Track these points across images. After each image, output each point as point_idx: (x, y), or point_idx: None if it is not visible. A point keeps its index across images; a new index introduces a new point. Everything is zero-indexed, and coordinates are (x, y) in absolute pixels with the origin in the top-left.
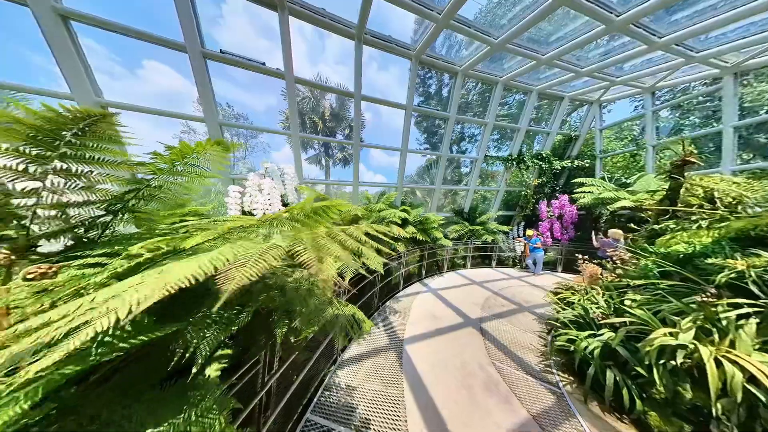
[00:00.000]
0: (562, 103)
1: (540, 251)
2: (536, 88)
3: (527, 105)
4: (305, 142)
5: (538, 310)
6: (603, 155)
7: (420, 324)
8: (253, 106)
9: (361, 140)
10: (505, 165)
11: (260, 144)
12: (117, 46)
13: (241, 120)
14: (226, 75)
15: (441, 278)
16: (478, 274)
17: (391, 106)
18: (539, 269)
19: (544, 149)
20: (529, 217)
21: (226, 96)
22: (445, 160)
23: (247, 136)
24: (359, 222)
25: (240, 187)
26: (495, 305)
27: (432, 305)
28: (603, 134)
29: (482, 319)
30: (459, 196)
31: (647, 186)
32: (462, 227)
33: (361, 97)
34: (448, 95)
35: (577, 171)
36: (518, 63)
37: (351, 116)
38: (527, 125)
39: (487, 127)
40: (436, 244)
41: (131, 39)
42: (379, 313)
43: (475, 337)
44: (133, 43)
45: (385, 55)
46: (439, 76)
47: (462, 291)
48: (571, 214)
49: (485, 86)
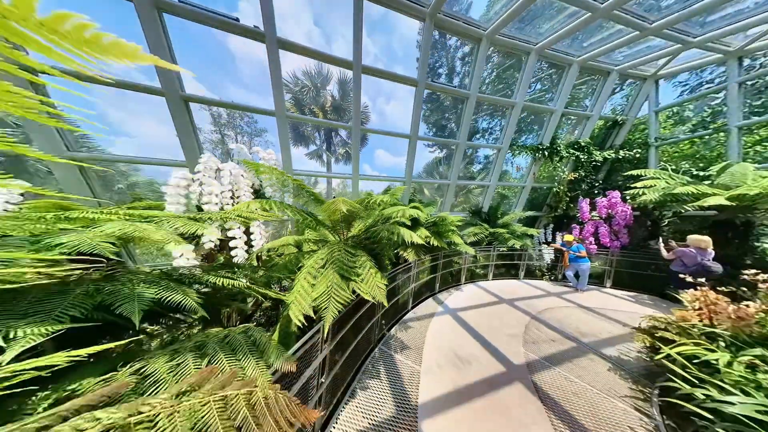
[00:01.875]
0: (608, 79)
1: (585, 261)
2: (577, 59)
3: (564, 81)
4: (305, 136)
5: (606, 349)
6: (661, 143)
7: (440, 374)
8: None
9: (363, 124)
10: (534, 156)
11: (264, 144)
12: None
13: (245, 119)
14: (228, 74)
15: (459, 293)
16: (504, 288)
17: (399, 80)
18: (584, 284)
19: (582, 137)
20: (560, 219)
21: (229, 96)
22: (463, 150)
23: (252, 135)
24: (352, 223)
25: (189, 173)
26: (540, 338)
27: (453, 337)
28: (659, 117)
29: (530, 365)
30: (472, 195)
31: (742, 178)
32: (481, 229)
33: (362, 68)
34: (460, 77)
35: (620, 164)
36: (561, 22)
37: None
38: (563, 107)
39: (515, 109)
40: (453, 250)
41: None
42: (382, 348)
43: (529, 402)
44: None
45: (389, 44)
46: (449, 55)
47: (489, 313)
48: (625, 215)
49: (507, 61)
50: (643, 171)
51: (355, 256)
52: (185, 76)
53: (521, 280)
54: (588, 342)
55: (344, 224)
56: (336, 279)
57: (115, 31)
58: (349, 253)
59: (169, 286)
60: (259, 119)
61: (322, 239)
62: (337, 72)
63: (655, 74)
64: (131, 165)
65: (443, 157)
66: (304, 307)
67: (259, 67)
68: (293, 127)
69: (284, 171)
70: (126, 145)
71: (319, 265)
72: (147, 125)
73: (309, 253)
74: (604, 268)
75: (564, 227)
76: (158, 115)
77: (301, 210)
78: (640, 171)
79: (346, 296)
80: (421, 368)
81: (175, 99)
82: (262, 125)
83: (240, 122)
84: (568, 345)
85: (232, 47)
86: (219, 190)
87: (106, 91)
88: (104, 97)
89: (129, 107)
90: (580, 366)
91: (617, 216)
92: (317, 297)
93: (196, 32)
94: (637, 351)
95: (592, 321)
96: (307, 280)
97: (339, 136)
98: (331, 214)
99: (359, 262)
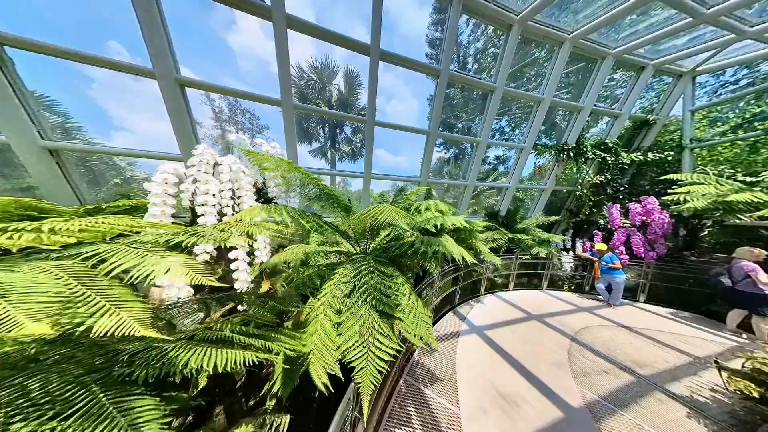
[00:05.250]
0: (642, 74)
1: (620, 274)
2: (613, 51)
3: (596, 75)
4: (309, 132)
5: (673, 386)
6: (697, 144)
7: (485, 421)
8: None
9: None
10: (557, 157)
11: (267, 141)
12: None
13: (248, 116)
14: (229, 68)
15: (480, 306)
16: (528, 301)
17: (420, 69)
18: (618, 299)
19: (609, 137)
20: (580, 225)
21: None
22: (485, 148)
23: (253, 131)
24: (379, 231)
25: (177, 166)
26: (591, 369)
27: (488, 366)
28: (694, 117)
29: (592, 408)
30: (484, 196)
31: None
32: (500, 235)
33: (380, 53)
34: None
35: (646, 167)
36: (602, 7)
37: (361, 104)
38: (592, 104)
39: (542, 105)
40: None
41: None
42: (408, 378)
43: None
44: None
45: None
46: (473, 45)
47: (521, 332)
48: (662, 223)
49: (535, 52)
50: (684, 175)
51: (390, 277)
52: (184, 62)
53: (544, 291)
54: (648, 375)
55: (370, 233)
56: (373, 317)
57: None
58: (383, 275)
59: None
60: (261, 115)
61: (336, 248)
62: (344, 66)
63: (692, 70)
64: (129, 159)
65: (450, 157)
66: (328, 362)
67: (258, 62)
68: (296, 122)
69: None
70: (127, 139)
71: (343, 292)
72: (151, 120)
73: (320, 269)
74: (637, 281)
75: (583, 234)
76: (161, 110)
77: (317, 219)
78: (680, 175)
79: (391, 346)
80: (460, 411)
81: (169, 82)
82: (264, 122)
83: (242, 118)
84: (625, 378)
85: (232, 42)
86: (217, 189)
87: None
88: (104, 88)
89: (131, 101)
90: (651, 410)
91: (653, 224)
92: (347, 347)
93: (195, 25)
94: (711, 388)
95: (642, 346)
96: (328, 317)
97: (344, 132)
98: (360, 223)
99: (396, 286)
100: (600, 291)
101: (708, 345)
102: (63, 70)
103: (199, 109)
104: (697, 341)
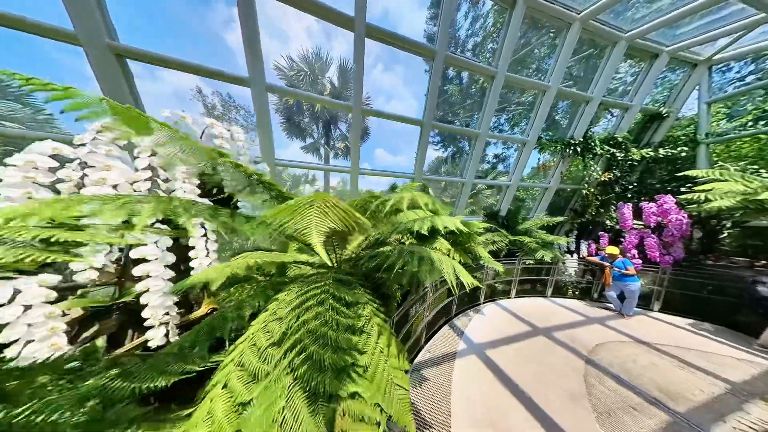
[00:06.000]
0: (656, 62)
1: (635, 281)
2: (625, 35)
3: (606, 63)
4: (302, 128)
5: (717, 429)
6: (714, 139)
7: None
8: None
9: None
10: (563, 152)
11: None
12: None
13: (242, 112)
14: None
15: (480, 317)
16: (532, 310)
17: (412, 50)
18: (631, 309)
19: (619, 131)
20: (584, 226)
21: (229, 90)
22: (484, 142)
23: (248, 129)
24: (347, 238)
25: (62, 146)
26: (615, 404)
27: (491, 401)
28: (710, 109)
29: None
30: (483, 195)
31: None
32: (501, 237)
33: (366, 27)
34: None
35: (656, 164)
36: None
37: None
38: (602, 95)
39: (548, 95)
40: (477, 264)
41: None
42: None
43: None
44: None
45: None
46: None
47: (526, 351)
48: (680, 224)
49: (538, 34)
50: (705, 171)
51: (352, 307)
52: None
53: (549, 299)
54: (684, 412)
55: (339, 240)
56: (296, 400)
57: None
58: (339, 304)
59: None
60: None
61: (305, 258)
62: (337, 58)
63: (709, 59)
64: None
65: (448, 156)
66: None
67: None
68: (287, 116)
69: (244, 152)
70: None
71: (272, 337)
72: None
73: (258, 288)
74: (651, 288)
75: (588, 235)
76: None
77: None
78: (699, 171)
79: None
80: None
81: (100, 50)
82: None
83: (236, 115)
84: (658, 417)
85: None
86: (121, 178)
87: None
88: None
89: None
90: None
91: (670, 225)
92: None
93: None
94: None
95: (668, 368)
96: (230, 391)
97: (339, 129)
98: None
99: (360, 322)
100: (611, 299)
101: (743, 367)
102: None
103: (189, 104)
104: (729, 361)
